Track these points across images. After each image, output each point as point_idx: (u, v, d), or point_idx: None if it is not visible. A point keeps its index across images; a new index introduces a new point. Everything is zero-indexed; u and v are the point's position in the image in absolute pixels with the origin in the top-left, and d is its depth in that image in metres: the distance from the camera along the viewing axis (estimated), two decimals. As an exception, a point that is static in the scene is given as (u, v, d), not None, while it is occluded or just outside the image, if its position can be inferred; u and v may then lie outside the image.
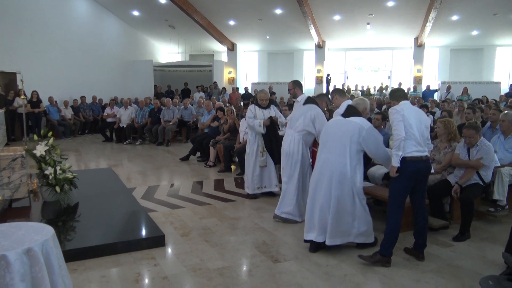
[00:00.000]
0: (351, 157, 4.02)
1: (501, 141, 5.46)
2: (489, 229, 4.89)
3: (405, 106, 3.83)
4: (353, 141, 4.02)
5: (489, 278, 2.36)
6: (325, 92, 18.66)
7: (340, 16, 17.11)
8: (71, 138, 13.08)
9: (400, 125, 3.70)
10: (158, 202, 5.94)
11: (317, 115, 5.06)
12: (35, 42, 13.39)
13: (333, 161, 4.04)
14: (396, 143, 3.70)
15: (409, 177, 3.76)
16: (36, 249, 2.36)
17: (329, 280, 3.55)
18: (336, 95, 4.84)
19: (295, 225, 4.97)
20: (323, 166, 4.12)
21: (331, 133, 4.19)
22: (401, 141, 3.67)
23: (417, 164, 3.75)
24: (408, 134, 3.71)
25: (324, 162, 4.12)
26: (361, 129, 4.02)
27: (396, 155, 3.70)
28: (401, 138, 3.67)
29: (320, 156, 4.21)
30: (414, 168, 3.74)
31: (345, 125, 4.14)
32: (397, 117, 3.74)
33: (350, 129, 4.05)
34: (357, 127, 4.04)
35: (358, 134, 4.00)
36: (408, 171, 3.73)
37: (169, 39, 21.68)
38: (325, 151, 4.17)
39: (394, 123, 3.76)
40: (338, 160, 4.02)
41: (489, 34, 18.34)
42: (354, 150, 4.03)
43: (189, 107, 12.74)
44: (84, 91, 15.12)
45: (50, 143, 5.45)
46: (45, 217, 4.86)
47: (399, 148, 3.69)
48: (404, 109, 3.78)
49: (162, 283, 3.48)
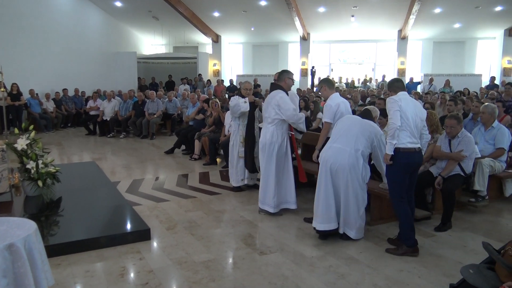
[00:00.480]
0: (363, 154, 4.14)
1: (482, 132, 5.56)
2: (470, 219, 4.99)
3: (403, 97, 3.86)
4: (368, 141, 4.17)
5: (470, 267, 2.41)
6: (310, 84, 18.75)
7: (324, 8, 17.12)
8: (53, 132, 12.88)
9: (396, 115, 3.75)
10: (143, 195, 5.90)
11: (280, 100, 4.95)
12: (14, 33, 13.06)
13: (346, 152, 4.12)
14: (391, 132, 3.75)
15: (403, 169, 3.84)
16: (19, 245, 2.33)
17: (314, 271, 3.59)
18: (325, 86, 4.79)
19: (279, 217, 5.00)
20: (335, 155, 4.15)
21: (348, 128, 4.27)
22: (396, 129, 3.73)
23: (411, 155, 3.82)
24: (403, 125, 3.76)
25: (337, 151, 4.17)
26: (377, 133, 4.22)
27: (390, 143, 3.77)
28: (396, 127, 3.73)
29: (332, 145, 4.25)
30: (408, 159, 3.82)
31: (364, 124, 4.27)
32: (394, 107, 3.79)
33: (368, 130, 4.20)
34: (374, 130, 4.23)
35: (374, 138, 4.18)
36: (403, 163, 3.80)
37: (152, 30, 21.39)
38: (339, 141, 4.23)
39: (390, 112, 3.81)
40: (350, 152, 4.11)
41: (470, 27, 18.60)
42: (365, 148, 4.16)
43: (174, 99, 12.64)
44: (66, 83, 14.85)
45: (32, 137, 5.35)
46: (28, 212, 4.79)
47: (393, 137, 3.75)
48: (402, 100, 3.81)
49: (147, 276, 3.47)
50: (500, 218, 5.08)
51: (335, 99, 4.71)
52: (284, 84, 5.12)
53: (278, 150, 5.03)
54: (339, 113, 4.64)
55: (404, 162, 3.81)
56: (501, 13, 16.56)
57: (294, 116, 4.96)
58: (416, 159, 3.90)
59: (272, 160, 5.03)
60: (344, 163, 4.08)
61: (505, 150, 5.39)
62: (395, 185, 3.92)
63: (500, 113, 6.40)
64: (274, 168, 5.03)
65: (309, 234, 4.44)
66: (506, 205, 5.54)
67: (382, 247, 4.09)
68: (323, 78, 5.20)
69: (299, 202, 5.21)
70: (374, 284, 3.36)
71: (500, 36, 18.87)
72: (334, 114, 4.62)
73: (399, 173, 3.86)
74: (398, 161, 3.79)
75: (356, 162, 4.09)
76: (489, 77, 16.91)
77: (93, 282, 3.36)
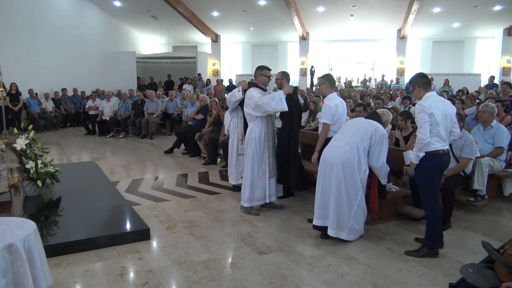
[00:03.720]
0: (358, 150, 4.06)
1: (481, 132, 5.57)
2: (469, 218, 4.99)
3: (433, 102, 3.66)
4: (365, 138, 4.08)
5: (469, 266, 2.41)
6: (309, 83, 18.74)
7: (324, 7, 17.12)
8: (52, 131, 12.86)
9: (426, 128, 3.61)
10: (142, 195, 5.90)
11: (246, 96, 5.03)
12: (13, 33, 13.04)
13: (341, 147, 4.09)
14: (419, 146, 3.66)
15: (434, 170, 3.78)
16: (18, 245, 2.33)
17: (314, 271, 3.59)
18: (327, 84, 4.74)
19: (279, 216, 5.00)
20: (331, 151, 4.16)
21: (349, 128, 4.28)
22: (424, 145, 3.64)
23: (439, 157, 3.75)
24: (433, 133, 3.66)
25: (334, 147, 4.17)
26: (376, 131, 4.11)
27: (417, 155, 3.70)
28: (425, 143, 3.62)
29: (332, 143, 4.28)
30: (437, 162, 3.76)
31: (364, 123, 4.23)
32: (424, 117, 3.62)
33: (365, 127, 4.14)
34: (373, 127, 4.13)
35: (373, 134, 4.08)
36: (433, 166, 3.74)
37: (152, 30, 21.39)
38: (337, 139, 4.24)
39: (420, 123, 3.66)
40: (345, 148, 4.06)
41: (470, 26, 18.61)
42: (362, 146, 4.07)
43: (174, 99, 12.65)
44: (65, 83, 14.85)
45: (31, 137, 5.35)
46: (27, 212, 4.78)
47: (421, 150, 3.67)
48: (432, 106, 3.63)
49: (147, 276, 3.46)
50: (499, 217, 5.09)
51: (333, 99, 4.70)
52: (258, 81, 5.13)
53: (257, 146, 5.02)
54: (337, 114, 4.65)
55: (433, 165, 3.74)
56: (500, 12, 16.57)
57: (260, 105, 4.81)
58: (445, 160, 3.85)
59: (249, 155, 5.05)
60: (338, 157, 4.05)
61: (504, 149, 5.40)
62: (426, 187, 3.81)
63: (499, 113, 6.41)
64: (250, 163, 5.04)
65: (308, 233, 4.44)
66: (506, 204, 5.55)
67: (382, 246, 4.10)
68: (326, 74, 5.01)
69: (300, 202, 5.21)
70: (373, 284, 3.36)
71: (499, 36, 18.88)
72: (332, 115, 4.62)
73: (429, 175, 3.78)
74: (427, 164, 3.72)
75: (350, 158, 4.03)
76: (488, 77, 16.92)
77: (92, 282, 3.36)
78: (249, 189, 5.06)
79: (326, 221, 4.18)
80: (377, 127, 4.19)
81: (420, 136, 3.65)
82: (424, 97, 3.76)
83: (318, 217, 4.22)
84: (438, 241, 3.89)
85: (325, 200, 4.17)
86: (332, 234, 4.13)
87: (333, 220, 4.11)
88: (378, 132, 4.13)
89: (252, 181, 5.05)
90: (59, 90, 14.25)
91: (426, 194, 3.83)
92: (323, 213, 4.18)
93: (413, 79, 3.91)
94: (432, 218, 3.82)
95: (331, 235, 4.13)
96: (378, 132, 4.13)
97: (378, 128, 4.17)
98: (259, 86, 5.08)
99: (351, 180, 4.05)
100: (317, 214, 4.22)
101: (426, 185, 3.82)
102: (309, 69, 19.59)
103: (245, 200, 5.12)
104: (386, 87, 17.22)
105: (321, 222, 4.21)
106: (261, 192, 5.09)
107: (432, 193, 3.81)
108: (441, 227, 3.91)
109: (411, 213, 4.72)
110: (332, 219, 4.11)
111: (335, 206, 4.08)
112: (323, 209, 4.18)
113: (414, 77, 3.93)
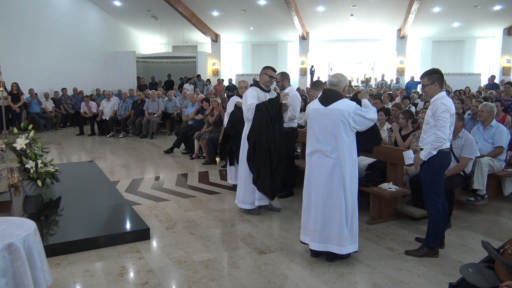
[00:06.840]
0: (344, 149, 3.57)
1: (481, 131, 5.57)
2: (469, 218, 5.00)
3: (451, 103, 3.66)
4: (343, 131, 3.55)
5: (469, 266, 2.41)
6: (309, 83, 18.74)
7: (324, 7, 17.12)
8: (52, 131, 12.86)
9: (446, 128, 3.60)
10: (142, 195, 5.90)
11: (243, 97, 5.12)
12: (14, 33, 13.04)
13: (326, 154, 3.63)
14: (436, 145, 3.63)
15: (442, 168, 3.79)
16: (18, 244, 2.33)
17: (314, 271, 3.59)
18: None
19: (279, 216, 5.00)
20: (316, 161, 3.72)
21: (317, 126, 3.70)
22: (442, 144, 3.62)
23: (447, 155, 3.77)
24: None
25: (317, 157, 3.70)
26: (347, 115, 3.53)
27: (430, 152, 3.67)
28: (443, 143, 3.61)
29: (310, 149, 3.78)
30: (445, 160, 3.77)
31: (328, 115, 3.61)
32: (446, 117, 3.60)
33: (335, 119, 3.57)
34: (341, 115, 3.55)
35: (346, 121, 3.54)
36: (441, 164, 3.75)
37: (151, 30, 21.40)
38: (315, 145, 3.74)
39: (442, 122, 3.60)
40: (331, 153, 3.60)
41: (470, 26, 18.62)
42: (346, 140, 3.57)
43: (173, 99, 12.65)
44: (65, 83, 14.86)
45: (31, 136, 5.35)
46: (27, 212, 4.78)
47: (435, 149, 3.65)
48: (452, 107, 3.63)
49: (147, 276, 3.46)
50: (499, 217, 5.09)
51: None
52: (261, 80, 5.12)
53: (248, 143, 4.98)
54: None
55: (441, 163, 3.75)
56: (500, 12, 16.58)
57: (244, 111, 4.95)
58: (450, 159, 3.87)
59: (244, 156, 5.03)
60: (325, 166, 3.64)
61: (504, 149, 5.40)
62: (433, 186, 3.78)
63: (499, 112, 6.40)
64: (245, 164, 5.02)
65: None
66: (505, 204, 5.55)
67: (382, 246, 4.10)
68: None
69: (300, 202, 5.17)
70: (373, 283, 3.36)
71: (499, 35, 18.89)
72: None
73: (437, 173, 3.76)
74: (436, 162, 3.71)
75: (338, 162, 3.58)
76: (488, 76, 16.93)
77: (92, 282, 3.36)
78: (243, 191, 5.07)
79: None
80: (344, 110, 3.56)
81: (441, 135, 3.61)
82: (442, 97, 3.69)
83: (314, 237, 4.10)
84: (439, 241, 3.88)
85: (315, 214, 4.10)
86: (320, 248, 4.00)
87: (318, 234, 4.03)
88: (350, 114, 3.55)
89: (245, 183, 5.04)
90: (59, 89, 14.26)
91: (431, 193, 3.81)
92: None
93: (433, 73, 3.74)
94: (434, 217, 3.81)
95: (312, 248, 3.99)
96: (350, 114, 3.55)
97: (347, 110, 3.56)
98: (260, 86, 5.08)
99: (339, 187, 3.70)
100: (313, 234, 4.13)
101: (432, 184, 3.80)
102: (309, 68, 19.60)
103: (239, 201, 5.13)
104: (386, 87, 17.24)
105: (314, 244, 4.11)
106: (251, 196, 5.04)
107: (437, 192, 3.80)
108: (442, 229, 3.90)
109: (411, 213, 4.73)
110: (316, 232, 4.03)
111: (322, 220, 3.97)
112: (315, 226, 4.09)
113: (434, 72, 3.75)
